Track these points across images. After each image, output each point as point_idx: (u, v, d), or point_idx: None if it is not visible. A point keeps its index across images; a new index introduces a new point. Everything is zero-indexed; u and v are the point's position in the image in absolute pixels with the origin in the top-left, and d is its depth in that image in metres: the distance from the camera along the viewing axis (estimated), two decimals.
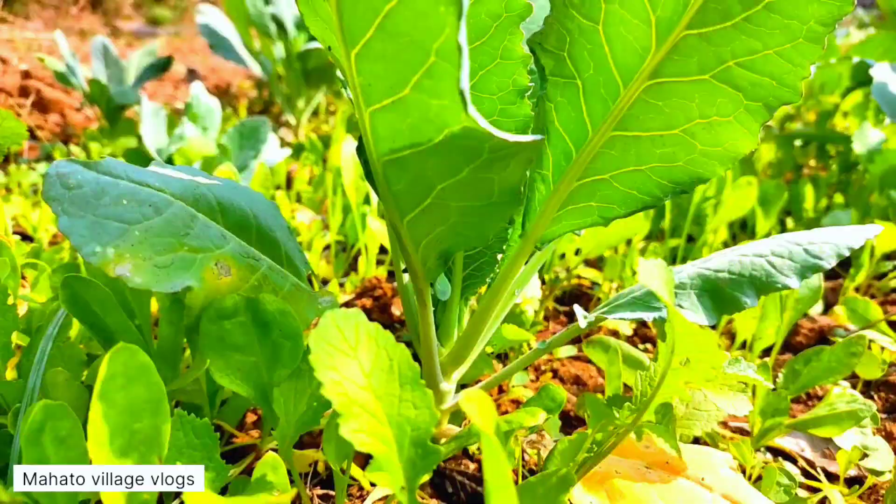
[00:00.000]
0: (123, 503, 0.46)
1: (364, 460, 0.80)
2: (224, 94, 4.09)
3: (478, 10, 0.60)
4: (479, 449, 0.86)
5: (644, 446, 0.70)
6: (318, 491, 0.76)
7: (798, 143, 2.11)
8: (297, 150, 2.25)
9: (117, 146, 2.47)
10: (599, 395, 0.83)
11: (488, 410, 0.39)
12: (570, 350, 1.13)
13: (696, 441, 0.90)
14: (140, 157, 1.62)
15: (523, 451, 0.86)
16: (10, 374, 0.78)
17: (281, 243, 0.69)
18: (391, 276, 1.40)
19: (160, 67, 2.82)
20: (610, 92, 0.60)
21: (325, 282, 1.39)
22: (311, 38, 2.61)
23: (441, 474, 0.81)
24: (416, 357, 0.84)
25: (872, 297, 1.40)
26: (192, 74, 4.44)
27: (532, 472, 0.79)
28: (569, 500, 0.65)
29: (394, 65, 0.47)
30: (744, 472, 0.85)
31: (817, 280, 1.04)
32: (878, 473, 0.85)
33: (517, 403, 0.94)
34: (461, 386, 0.91)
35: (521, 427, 0.54)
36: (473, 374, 0.90)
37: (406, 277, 0.78)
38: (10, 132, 1.00)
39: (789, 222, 1.71)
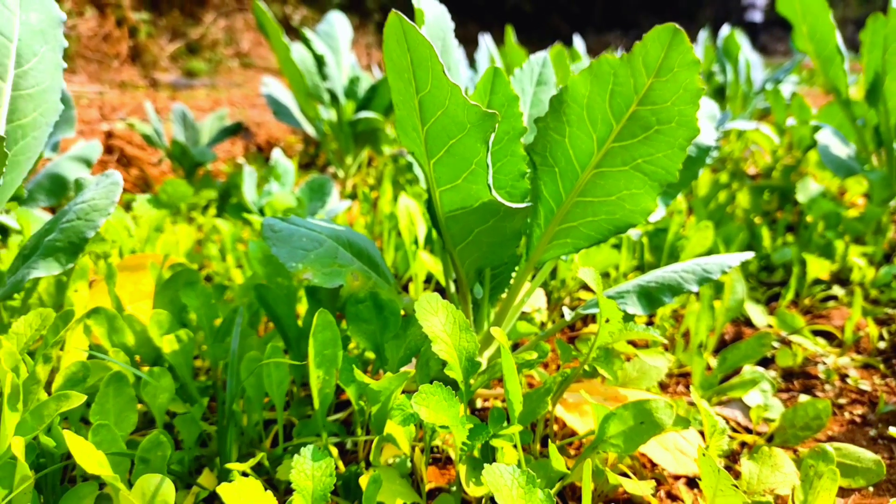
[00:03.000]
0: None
1: None
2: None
3: (498, 130, 1.05)
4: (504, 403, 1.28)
5: (604, 389, 1.11)
6: None
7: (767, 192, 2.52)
8: (350, 199, 2.72)
9: (201, 197, 2.97)
10: None
11: (504, 337, 0.83)
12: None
13: None
14: (242, 209, 2.11)
15: None
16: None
17: (380, 265, 1.13)
18: None
19: (231, 131, 3.36)
20: (574, 176, 1.04)
21: None
22: (360, 109, 3.13)
23: (474, 413, 1.23)
24: None
25: (809, 312, 1.80)
26: (246, 132, 5.01)
27: None
28: (556, 416, 1.07)
29: (453, 169, 0.92)
30: None
31: (741, 294, 1.46)
32: (771, 421, 1.25)
33: (528, 377, 1.36)
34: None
35: (524, 361, 0.96)
36: (497, 356, 1.32)
37: (452, 287, 1.22)
38: (180, 194, 1.47)
39: None
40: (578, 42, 4.15)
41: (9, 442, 0.83)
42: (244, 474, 0.91)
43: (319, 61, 2.95)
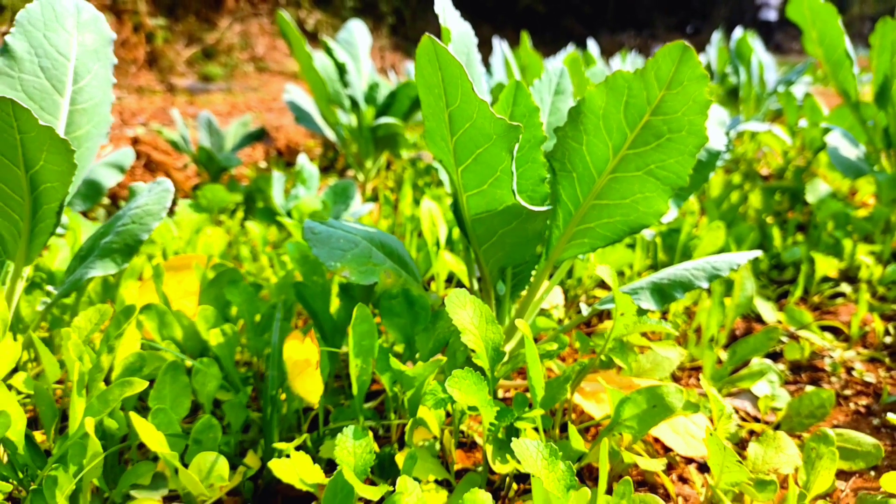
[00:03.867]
0: None
1: None
2: (296, 153, 4.75)
3: (520, 139, 1.13)
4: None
5: (619, 379, 1.19)
6: None
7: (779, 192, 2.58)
8: (372, 202, 2.81)
9: (229, 201, 3.08)
10: None
11: (528, 328, 0.91)
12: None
13: None
14: (270, 212, 2.20)
15: None
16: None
17: (409, 264, 1.21)
18: None
19: (255, 137, 3.46)
20: (591, 180, 1.12)
21: None
22: (379, 114, 3.22)
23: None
24: None
25: (817, 308, 1.86)
26: (266, 137, 5.12)
27: None
28: (574, 404, 1.14)
29: (480, 175, 1.01)
30: None
31: (751, 291, 1.52)
32: (778, 410, 1.32)
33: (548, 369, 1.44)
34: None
35: (545, 352, 1.04)
36: (518, 348, 1.40)
37: (476, 284, 1.30)
38: (218, 199, 1.56)
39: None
40: (592, 45, 4.22)
41: (79, 422, 0.92)
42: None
43: (341, 69, 3.04)
